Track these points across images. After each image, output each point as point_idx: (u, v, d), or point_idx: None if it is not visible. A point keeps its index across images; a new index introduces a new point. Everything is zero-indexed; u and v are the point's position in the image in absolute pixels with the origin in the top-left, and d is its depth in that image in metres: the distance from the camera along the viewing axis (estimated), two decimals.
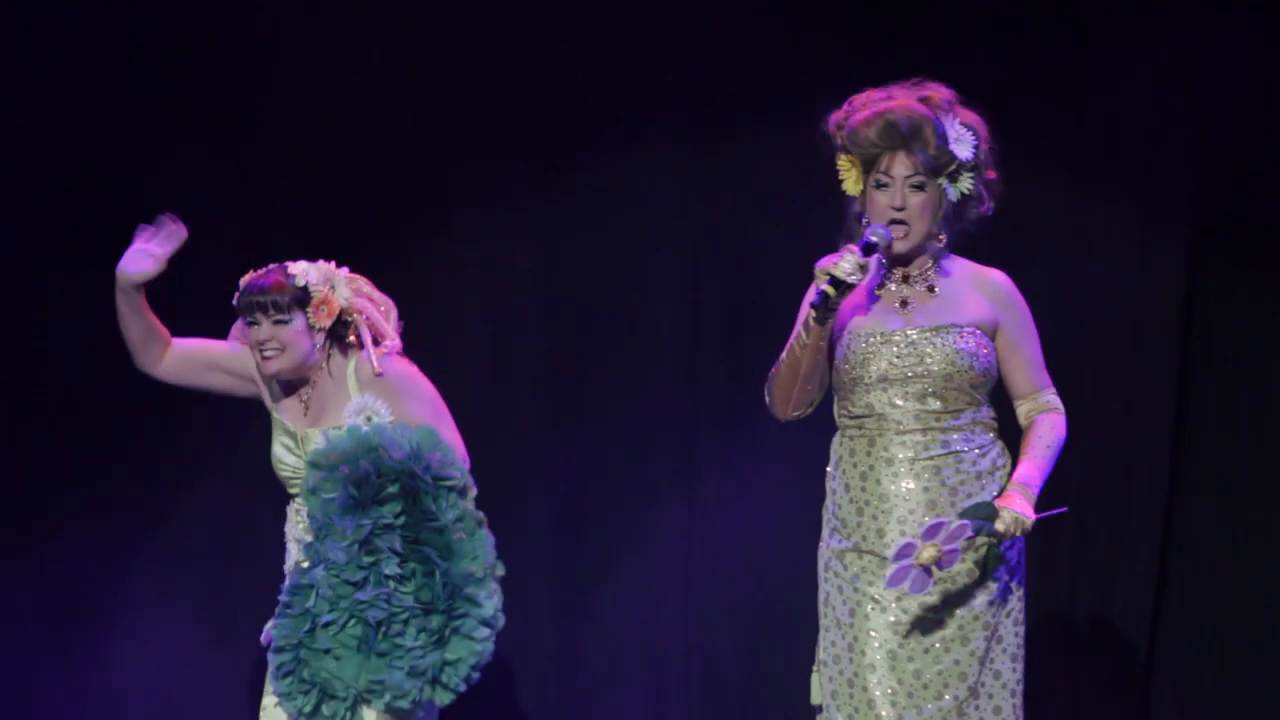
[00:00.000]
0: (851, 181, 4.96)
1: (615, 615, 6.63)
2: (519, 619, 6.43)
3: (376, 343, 5.49)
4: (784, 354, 4.89)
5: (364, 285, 5.59)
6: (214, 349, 5.59)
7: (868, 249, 4.79)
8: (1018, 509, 4.83)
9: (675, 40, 6.55)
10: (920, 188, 4.88)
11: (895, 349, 4.88)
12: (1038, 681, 5.10)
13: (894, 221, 4.88)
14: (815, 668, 5.01)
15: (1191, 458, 6.43)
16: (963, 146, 4.88)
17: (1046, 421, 5.03)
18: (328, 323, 5.52)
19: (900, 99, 4.89)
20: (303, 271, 5.51)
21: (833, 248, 4.87)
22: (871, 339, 4.89)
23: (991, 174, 4.95)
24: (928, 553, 4.74)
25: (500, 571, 5.28)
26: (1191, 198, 6.37)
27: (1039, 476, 4.94)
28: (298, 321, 5.48)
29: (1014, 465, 4.95)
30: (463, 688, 5.23)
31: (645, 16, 6.56)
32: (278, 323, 5.47)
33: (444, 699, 5.22)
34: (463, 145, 6.57)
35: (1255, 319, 6.39)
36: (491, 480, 5.34)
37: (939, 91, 4.92)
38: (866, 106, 4.91)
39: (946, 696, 4.84)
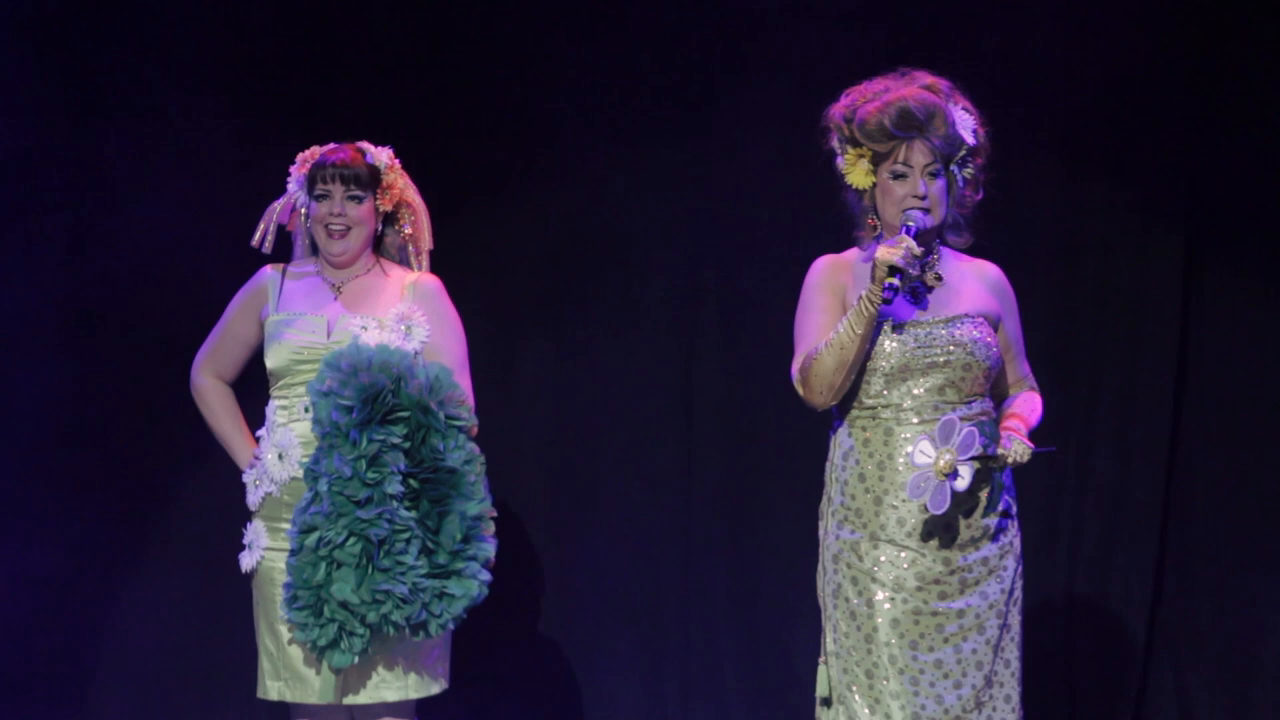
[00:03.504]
0: (860, 174, 4.97)
1: (610, 612, 6.61)
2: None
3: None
4: (825, 345, 4.87)
5: (416, 190, 5.59)
6: (238, 344, 5.53)
7: (914, 234, 4.84)
8: (1022, 439, 4.91)
9: (676, 36, 6.55)
10: (937, 175, 4.93)
11: (914, 339, 4.91)
12: (1035, 673, 5.12)
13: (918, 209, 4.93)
14: (823, 660, 4.99)
15: (1189, 454, 6.46)
16: (968, 131, 4.94)
17: (1025, 396, 5.13)
18: (389, 207, 5.49)
19: (907, 88, 4.93)
20: (375, 151, 5.48)
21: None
22: (893, 328, 4.91)
23: (986, 159, 5.01)
24: (945, 459, 4.79)
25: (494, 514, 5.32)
26: (1189, 195, 6.42)
27: (1028, 424, 5.01)
28: (368, 202, 5.45)
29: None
30: (451, 625, 5.22)
31: (645, 12, 6.56)
32: (351, 198, 5.43)
33: (433, 630, 5.19)
34: (460, 140, 6.55)
35: (1253, 315, 6.43)
36: (491, 479, 5.33)
37: (937, 80, 4.98)
38: (874, 97, 4.93)
39: (965, 686, 4.86)
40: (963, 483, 4.80)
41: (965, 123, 4.93)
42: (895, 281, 4.78)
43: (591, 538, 6.60)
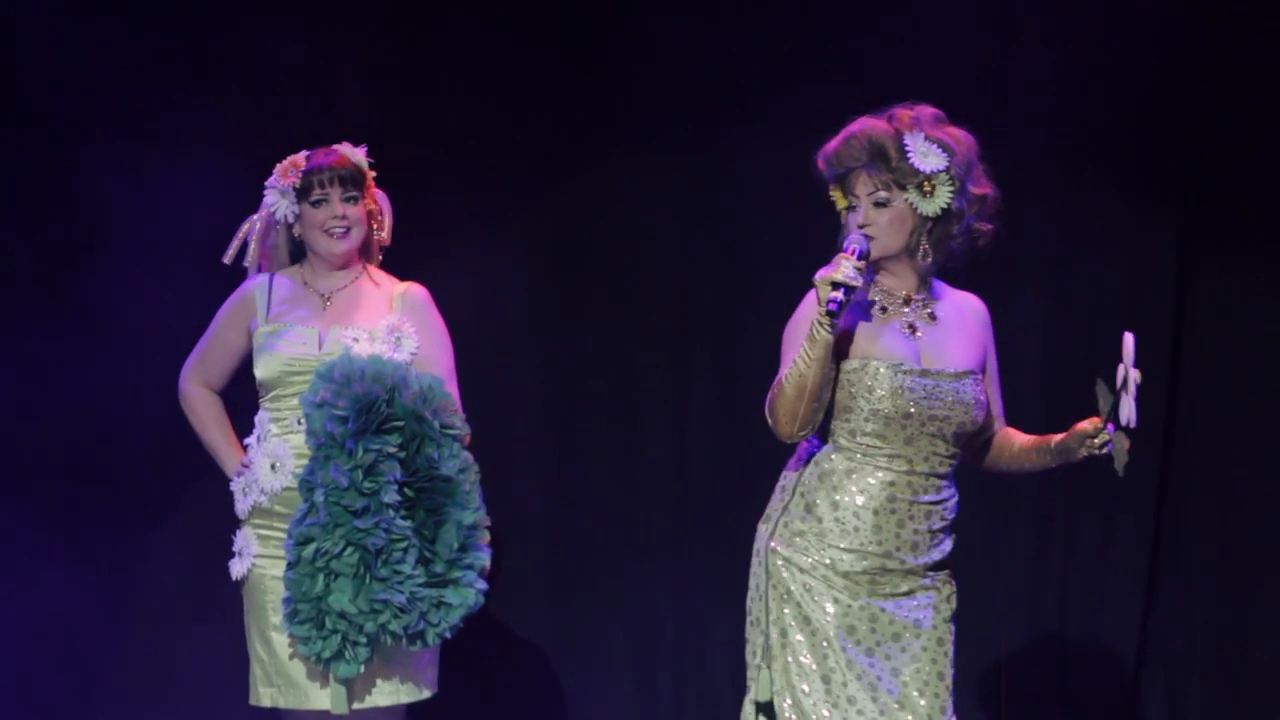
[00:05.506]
0: (841, 209, 4.99)
1: (602, 617, 6.62)
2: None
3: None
4: (785, 374, 4.84)
5: None
6: (227, 354, 5.55)
7: (858, 255, 4.81)
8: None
9: (673, 42, 6.56)
10: (885, 204, 4.89)
11: (924, 390, 4.86)
12: (1028, 675, 5.13)
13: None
14: (763, 664, 4.90)
15: (1183, 455, 6.47)
16: (928, 160, 4.87)
17: (1013, 429, 5.11)
18: (373, 207, 5.52)
19: (863, 122, 4.91)
20: (355, 151, 5.50)
21: (829, 244, 4.90)
22: (901, 374, 4.87)
23: (982, 190, 4.95)
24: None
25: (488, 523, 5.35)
26: (1185, 194, 6.43)
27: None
28: (362, 202, 5.46)
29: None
30: (448, 634, 5.24)
31: (640, 17, 6.59)
32: (348, 199, 5.44)
33: (430, 639, 5.21)
34: (455, 146, 6.55)
35: (1247, 317, 6.44)
36: (485, 488, 5.35)
37: (913, 111, 4.93)
38: (840, 132, 4.94)
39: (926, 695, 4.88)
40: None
41: (929, 151, 4.87)
42: (839, 295, 4.73)
43: (584, 543, 6.61)
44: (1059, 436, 4.92)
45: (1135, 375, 4.75)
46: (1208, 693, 6.46)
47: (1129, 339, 4.76)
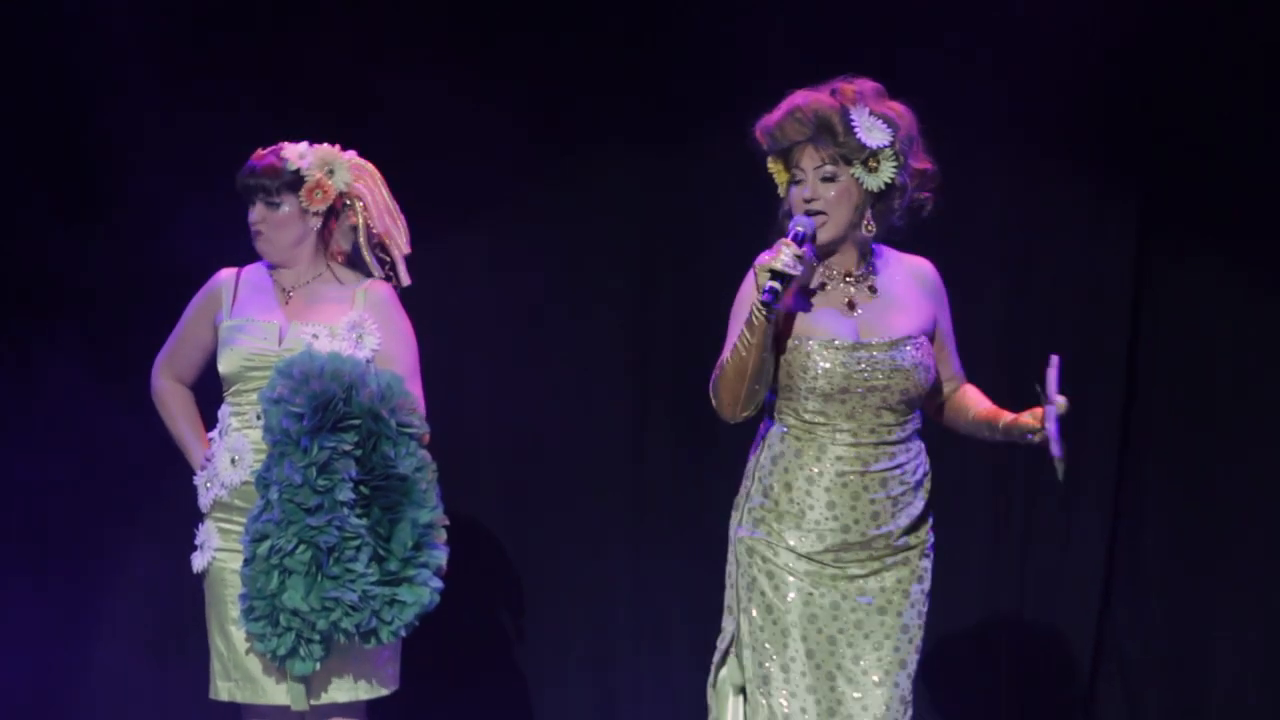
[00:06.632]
0: (781, 183, 5.00)
1: (561, 615, 6.66)
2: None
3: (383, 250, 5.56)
4: (727, 355, 4.87)
5: (376, 180, 5.57)
6: (195, 348, 5.56)
7: (799, 239, 4.82)
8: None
9: (642, 40, 6.57)
10: (832, 179, 4.89)
11: (856, 360, 4.89)
12: (985, 672, 5.12)
13: (811, 213, 4.90)
14: (732, 650, 4.96)
15: (1139, 454, 6.48)
16: (874, 135, 4.87)
17: (972, 393, 5.12)
18: (323, 206, 5.48)
19: (803, 95, 4.91)
20: (297, 155, 5.47)
21: (768, 245, 4.89)
22: (832, 350, 4.89)
23: (923, 164, 4.96)
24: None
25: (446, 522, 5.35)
26: (1145, 177, 6.43)
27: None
28: (288, 206, 5.45)
29: (932, 473, 5.02)
30: (403, 632, 5.25)
31: (602, 17, 6.59)
32: (269, 205, 5.45)
33: (384, 637, 5.22)
34: (423, 146, 6.55)
35: (1207, 304, 6.43)
36: (443, 487, 5.37)
37: (855, 85, 4.93)
38: (778, 106, 4.94)
39: (886, 685, 4.88)
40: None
41: (873, 126, 4.87)
42: (776, 285, 4.74)
43: (543, 543, 6.63)
44: (1008, 419, 4.98)
45: (1060, 402, 4.77)
46: (1164, 692, 6.47)
47: (1054, 361, 4.80)
